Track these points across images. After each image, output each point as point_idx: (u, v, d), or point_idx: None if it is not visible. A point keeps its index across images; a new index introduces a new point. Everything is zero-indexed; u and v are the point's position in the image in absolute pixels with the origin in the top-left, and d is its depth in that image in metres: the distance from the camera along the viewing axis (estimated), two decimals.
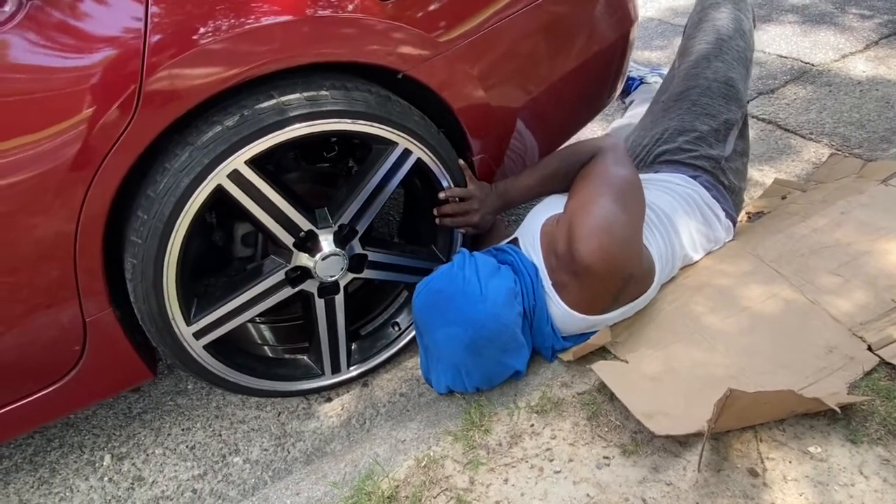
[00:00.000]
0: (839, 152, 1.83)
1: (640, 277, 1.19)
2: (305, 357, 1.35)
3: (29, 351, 1.04)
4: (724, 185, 1.39)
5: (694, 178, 1.37)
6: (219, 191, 1.04)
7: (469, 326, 1.08)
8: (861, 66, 2.31)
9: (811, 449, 0.98)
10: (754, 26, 1.56)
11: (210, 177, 1.02)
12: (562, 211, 1.22)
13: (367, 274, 1.28)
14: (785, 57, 2.46)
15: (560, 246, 1.15)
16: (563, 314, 1.18)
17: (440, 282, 1.13)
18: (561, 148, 1.37)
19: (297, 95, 1.04)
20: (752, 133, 1.77)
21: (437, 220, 1.31)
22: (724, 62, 1.42)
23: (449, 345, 1.11)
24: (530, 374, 1.22)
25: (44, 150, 0.90)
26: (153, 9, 0.91)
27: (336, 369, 1.34)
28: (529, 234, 1.24)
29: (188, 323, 1.12)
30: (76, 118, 0.90)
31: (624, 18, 1.41)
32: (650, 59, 2.63)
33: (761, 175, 1.84)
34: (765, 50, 2.53)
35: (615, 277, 1.13)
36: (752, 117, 2.09)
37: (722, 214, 1.37)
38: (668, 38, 2.82)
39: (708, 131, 1.39)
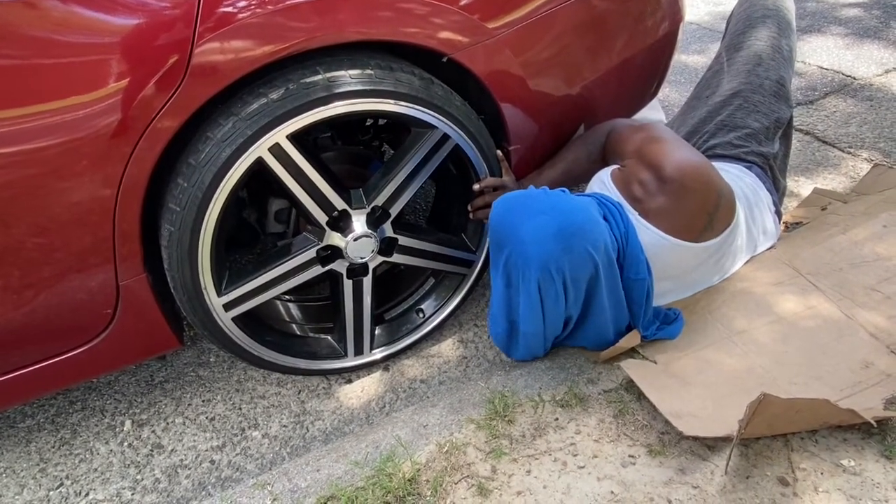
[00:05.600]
0: (883, 163, 1.79)
1: (728, 195, 1.16)
2: (329, 337, 1.35)
3: (63, 311, 1.04)
4: (773, 180, 1.40)
5: (748, 168, 1.37)
6: (258, 163, 1.04)
7: (557, 213, 1.02)
8: None
9: (844, 462, 0.96)
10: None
11: (252, 149, 1.02)
12: (615, 166, 1.23)
13: (397, 258, 1.28)
14: (826, 69, 2.42)
15: (642, 176, 1.13)
16: (657, 241, 1.13)
17: (518, 193, 1.08)
18: (574, 138, 1.38)
19: (342, 72, 1.04)
20: None
21: (471, 214, 1.31)
22: (776, 60, 1.42)
23: (537, 235, 1.02)
24: (556, 369, 1.21)
25: (90, 113, 0.91)
26: None
27: (359, 351, 1.34)
28: (598, 184, 1.24)
29: (219, 294, 1.12)
30: (123, 83, 0.91)
31: (672, 16, 1.39)
32: (687, 64, 2.60)
33: (796, 186, 1.81)
34: (806, 60, 2.49)
35: (709, 187, 1.11)
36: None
37: (773, 207, 1.39)
38: (705, 43, 2.78)
39: (759, 129, 1.39)
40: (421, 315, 1.41)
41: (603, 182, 1.22)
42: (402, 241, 1.27)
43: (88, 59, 0.89)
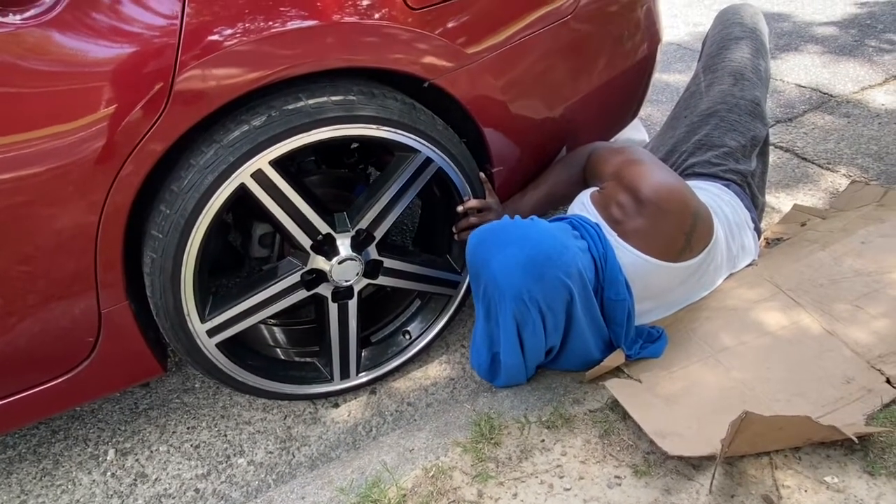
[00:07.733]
0: (860, 180, 1.83)
1: (705, 216, 1.18)
2: (315, 361, 1.34)
3: (44, 340, 1.04)
4: (751, 197, 1.43)
5: (726, 186, 1.40)
6: (241, 189, 1.04)
7: (525, 243, 1.04)
8: (881, 99, 2.31)
9: (828, 479, 0.96)
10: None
11: (234, 175, 1.02)
12: (595, 188, 1.25)
13: (382, 280, 1.28)
14: (804, 87, 2.47)
15: (620, 198, 1.15)
16: (636, 262, 1.15)
17: (490, 225, 1.11)
18: (555, 161, 1.40)
19: (324, 99, 1.05)
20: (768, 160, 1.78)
21: (456, 236, 1.32)
22: (752, 81, 1.45)
23: (507, 267, 1.04)
24: (542, 389, 1.21)
25: (72, 142, 0.91)
26: (188, 8, 0.92)
27: (345, 375, 1.33)
28: (578, 206, 1.25)
29: (202, 320, 1.11)
30: (107, 111, 0.91)
31: (650, 38, 1.42)
32: (668, 83, 2.65)
33: (777, 202, 1.83)
34: (784, 78, 2.54)
35: (685, 208, 1.13)
36: (770, 144, 2.09)
37: (752, 224, 1.40)
38: (687, 62, 2.83)
39: (736, 147, 1.42)
40: (407, 337, 1.41)
41: (583, 204, 1.24)
42: (388, 263, 1.27)
43: (69, 87, 0.89)
